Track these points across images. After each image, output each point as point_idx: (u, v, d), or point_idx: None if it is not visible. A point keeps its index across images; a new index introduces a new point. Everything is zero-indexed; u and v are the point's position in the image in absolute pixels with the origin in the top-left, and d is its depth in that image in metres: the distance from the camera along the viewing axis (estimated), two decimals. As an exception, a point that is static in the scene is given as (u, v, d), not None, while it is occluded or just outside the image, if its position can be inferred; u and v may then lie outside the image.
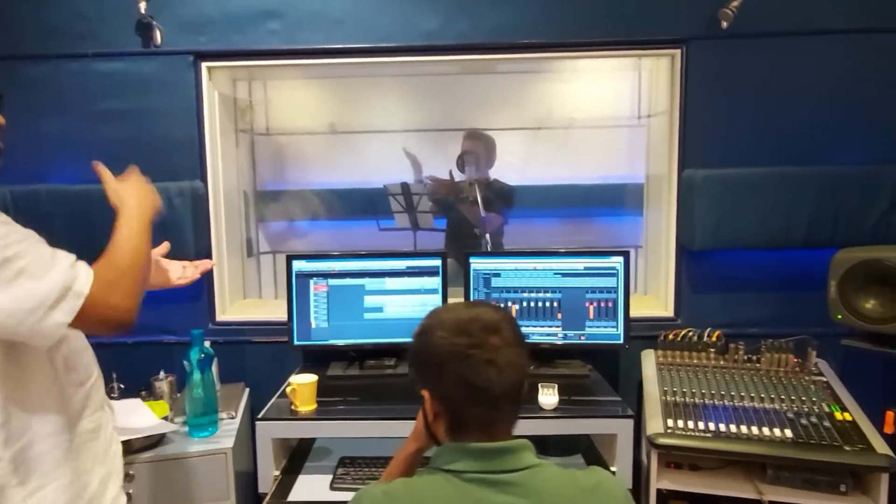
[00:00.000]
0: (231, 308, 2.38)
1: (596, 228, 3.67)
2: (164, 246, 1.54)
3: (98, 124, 2.15)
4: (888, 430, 1.79)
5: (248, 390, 2.18)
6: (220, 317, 2.29)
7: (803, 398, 1.80)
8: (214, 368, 1.99)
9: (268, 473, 1.74)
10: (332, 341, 2.10)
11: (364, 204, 3.70)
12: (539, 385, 1.82)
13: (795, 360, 1.96)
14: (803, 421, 1.71)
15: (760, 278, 2.16)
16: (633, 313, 2.18)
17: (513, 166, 3.80)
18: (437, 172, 3.26)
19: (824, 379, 1.89)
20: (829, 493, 1.64)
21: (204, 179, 2.20)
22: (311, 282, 2.09)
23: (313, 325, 2.09)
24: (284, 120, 3.76)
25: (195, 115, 2.18)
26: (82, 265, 1.03)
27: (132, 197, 1.19)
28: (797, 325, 2.08)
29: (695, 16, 2.07)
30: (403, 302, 2.11)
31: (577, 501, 0.98)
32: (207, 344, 1.94)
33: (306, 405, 1.78)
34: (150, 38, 2.11)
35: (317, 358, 2.18)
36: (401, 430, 1.68)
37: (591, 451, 1.91)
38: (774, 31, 2.06)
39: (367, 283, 2.10)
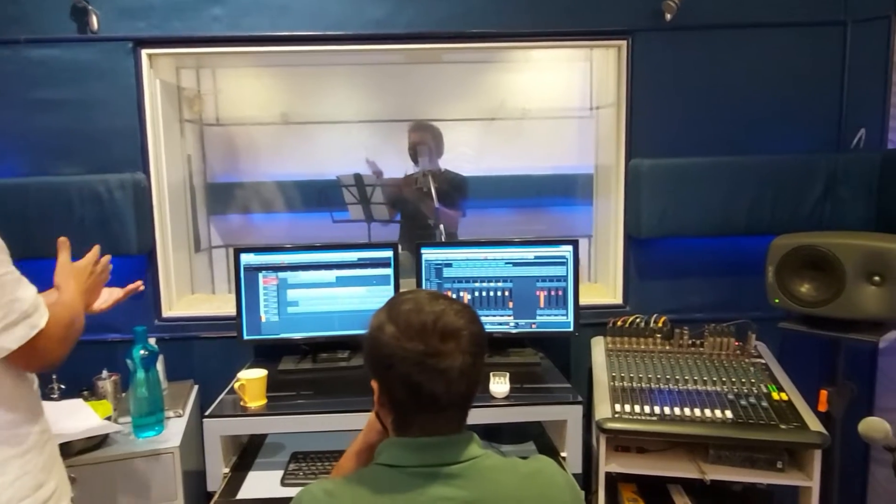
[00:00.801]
0: (178, 304, 2.32)
1: (549, 218, 3.72)
2: (93, 252, 1.46)
3: (33, 114, 2.06)
4: (822, 408, 1.87)
5: (196, 387, 2.14)
6: (166, 313, 2.23)
7: (743, 380, 1.87)
8: (160, 366, 1.93)
9: (217, 471, 1.71)
10: (283, 335, 2.07)
11: (318, 196, 3.66)
12: (491, 374, 1.83)
13: (737, 343, 2.03)
14: (743, 402, 1.77)
15: (704, 265, 2.23)
16: (584, 301, 2.22)
17: (467, 157, 3.82)
18: (392, 163, 3.25)
19: (763, 361, 1.96)
20: (766, 469, 1.71)
21: (146, 171, 2.13)
22: (261, 275, 2.05)
23: (263, 320, 2.06)
24: (235, 110, 3.67)
25: (136, 105, 2.10)
26: (42, 301, 1.12)
27: (75, 277, 1.34)
28: (738, 309, 2.15)
29: (640, 8, 2.11)
30: (355, 294, 2.09)
31: (517, 488, 0.99)
32: (152, 341, 1.88)
33: (256, 400, 1.75)
34: (87, 23, 2.02)
35: (268, 352, 2.15)
36: (355, 423, 1.67)
37: (542, 438, 1.94)
38: (715, 24, 2.11)
39: (319, 275, 2.08)
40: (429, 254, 2.10)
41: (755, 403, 1.76)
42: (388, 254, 2.10)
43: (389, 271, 2.10)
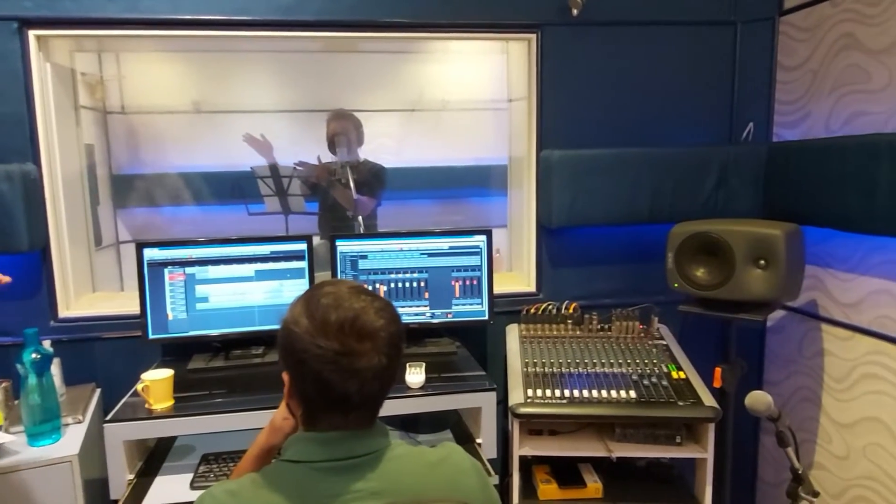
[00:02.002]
0: (77, 303, 2.18)
1: (468, 209, 3.77)
2: None
3: None
4: (717, 384, 2.00)
5: (99, 391, 2.03)
6: (63, 313, 2.09)
7: (646, 361, 1.97)
8: (55, 370, 1.82)
9: (120, 478, 1.63)
10: (192, 333, 1.99)
11: (232, 188, 3.53)
12: (407, 364, 1.85)
13: (641, 326, 2.13)
14: (645, 382, 1.87)
15: (611, 252, 2.33)
16: (500, 290, 2.27)
17: (387, 148, 3.80)
18: (310, 154, 3.18)
19: (664, 342, 2.07)
20: (667, 444, 1.82)
21: (37, 162, 1.99)
22: (166, 271, 1.96)
23: (170, 317, 1.97)
24: (142, 97, 3.48)
25: (24, 90, 1.95)
26: None
27: None
28: (643, 294, 2.27)
29: (548, 3, 2.16)
30: (268, 288, 2.04)
31: (424, 476, 1.00)
32: (47, 344, 1.77)
33: (161, 402, 1.68)
34: (-36, 1, 1.86)
35: (178, 351, 2.07)
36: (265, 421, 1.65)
37: (459, 426, 1.97)
38: (618, 21, 2.20)
39: (229, 270, 2.01)
40: (344, 246, 2.08)
41: (656, 383, 1.86)
42: (302, 246, 2.06)
43: (304, 264, 2.06)
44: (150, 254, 1.96)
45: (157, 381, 1.68)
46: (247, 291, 2.03)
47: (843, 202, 1.85)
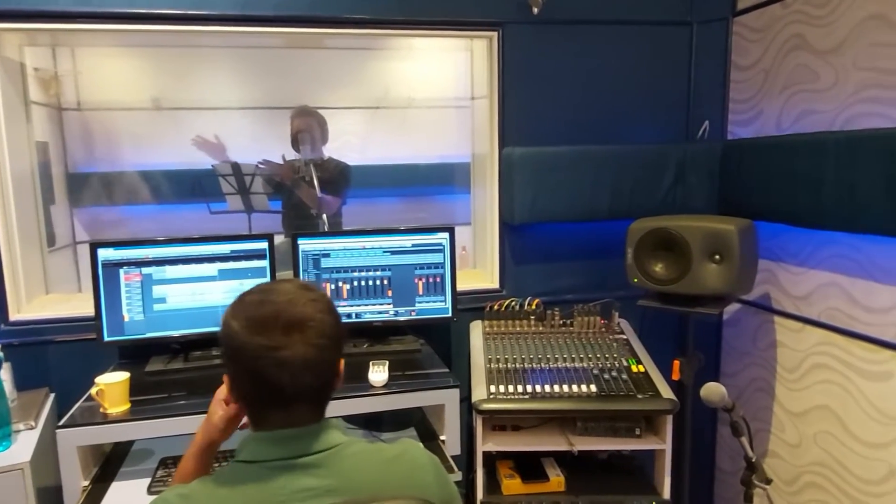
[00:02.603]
0: (29, 305, 2.12)
1: (433, 206, 3.77)
2: None
3: None
4: (675, 377, 2.05)
5: (53, 396, 1.97)
6: (13, 316, 2.03)
7: (607, 355, 2.00)
8: (6, 374, 1.76)
9: (74, 485, 1.59)
10: (149, 334, 1.95)
11: (193, 186, 3.47)
12: (370, 363, 1.84)
13: (602, 321, 2.17)
14: (606, 376, 1.90)
15: (573, 248, 2.36)
16: (464, 287, 2.29)
17: (352, 145, 3.77)
18: (273, 152, 3.14)
19: (625, 337, 2.11)
20: (627, 436, 1.86)
21: (-17, 160, 1.92)
22: (122, 271, 1.92)
23: (126, 319, 1.93)
24: (100, 94, 3.38)
25: (-32, 86, 1.89)
26: None
27: None
28: (605, 289, 2.30)
29: (509, 0, 2.17)
30: (229, 287, 2.01)
31: (380, 472, 1.00)
32: (-5, 348, 1.72)
33: (117, 406, 1.65)
34: None
35: (135, 354, 2.02)
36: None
37: (423, 424, 1.98)
38: (577, 20, 2.22)
39: (188, 269, 1.98)
40: (306, 244, 2.07)
41: (616, 377, 1.89)
42: (263, 245, 2.04)
43: (265, 263, 2.04)
44: (105, 254, 1.91)
45: (111, 384, 1.64)
46: (206, 291, 1.99)
47: (792, 198, 1.91)
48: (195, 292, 1.98)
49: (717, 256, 1.89)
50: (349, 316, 2.07)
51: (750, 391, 2.30)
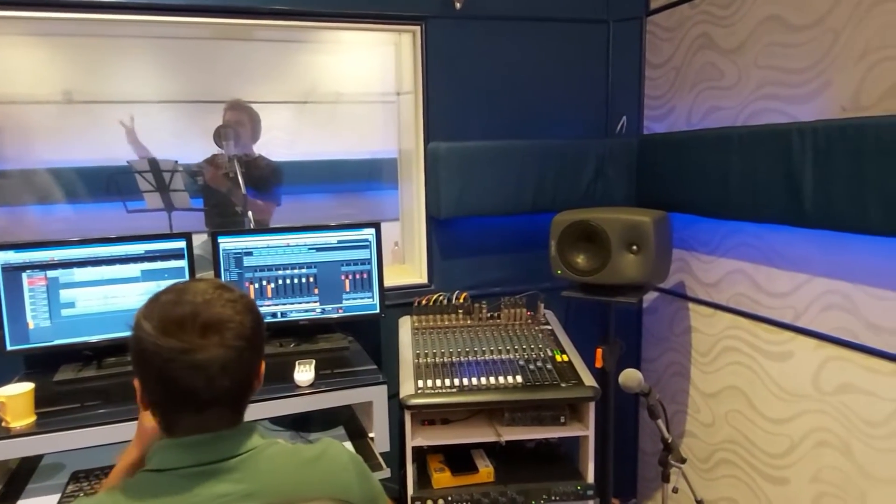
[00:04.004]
0: (-81, 315, 1.96)
1: (363, 202, 3.74)
2: None
3: None
4: (598, 364, 2.12)
5: (-51, 411, 1.83)
6: None
7: (532, 346, 2.05)
8: None
9: (-27, 505, 1.49)
10: (57, 342, 1.84)
11: (108, 183, 3.29)
12: (296, 362, 1.81)
13: (528, 313, 2.21)
14: (531, 366, 1.94)
15: (499, 242, 2.39)
16: (393, 282, 2.28)
17: (280, 141, 3.68)
18: (195, 147, 3.03)
19: (550, 327, 2.16)
20: (552, 424, 1.90)
21: None
22: (24, 275, 1.80)
23: (31, 326, 1.82)
24: (5, 86, 3.17)
25: None
26: None
27: None
28: (531, 281, 2.35)
29: (432, -5, 2.18)
30: (145, 290, 1.92)
31: (299, 474, 0.98)
32: None
33: (20, 419, 1.55)
34: None
35: (43, 362, 1.90)
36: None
37: (352, 422, 1.96)
38: (499, 16, 2.25)
39: (99, 272, 1.88)
40: (226, 243, 2.00)
41: (542, 367, 1.94)
42: (181, 244, 1.96)
43: (183, 263, 1.96)
44: (5, 257, 1.79)
45: (13, 396, 1.54)
46: (119, 294, 1.90)
47: (702, 190, 2.01)
48: (107, 295, 1.89)
49: (635, 247, 1.96)
50: (274, 315, 2.03)
51: (668, 375, 2.41)
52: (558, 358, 1.99)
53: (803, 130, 1.64)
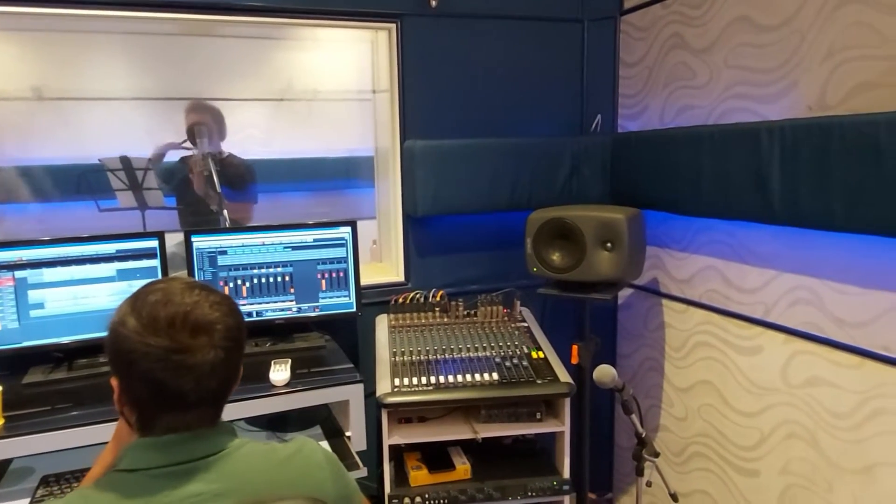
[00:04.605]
0: None
1: (342, 201, 3.71)
2: None
3: None
4: (574, 361, 2.13)
5: (-86, 415, 1.79)
6: None
7: (509, 343, 2.06)
8: None
9: (-61, 511, 1.46)
10: (26, 343, 1.81)
11: (79, 182, 3.23)
12: (272, 362, 1.80)
13: (505, 310, 2.23)
14: (507, 363, 1.95)
15: (476, 240, 2.40)
16: (370, 280, 2.28)
17: (256, 139, 3.64)
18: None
19: (526, 325, 2.18)
20: (528, 421, 1.92)
21: None
22: (-9, 277, 1.77)
23: (-1, 328, 1.78)
24: (-34, 82, 3.09)
25: None
26: None
27: None
28: (507, 279, 2.37)
29: (408, -8, 2.18)
30: (116, 290, 1.90)
31: (273, 473, 0.98)
32: None
33: (-13, 422, 1.52)
34: None
35: (12, 364, 1.86)
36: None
37: (328, 421, 1.95)
38: (475, 14, 2.26)
39: (69, 272, 1.85)
40: (201, 241, 1.99)
41: (517, 364, 1.95)
42: (153, 243, 1.94)
43: (155, 262, 1.94)
44: (-30, 258, 1.75)
45: (-20, 399, 1.51)
46: (90, 295, 1.87)
47: (674, 188, 2.03)
48: (77, 296, 1.86)
49: (609, 244, 1.98)
50: (250, 315, 2.01)
51: (643, 370, 2.44)
52: (534, 355, 2.00)
53: (771, 129, 1.67)
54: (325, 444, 1.77)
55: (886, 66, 1.48)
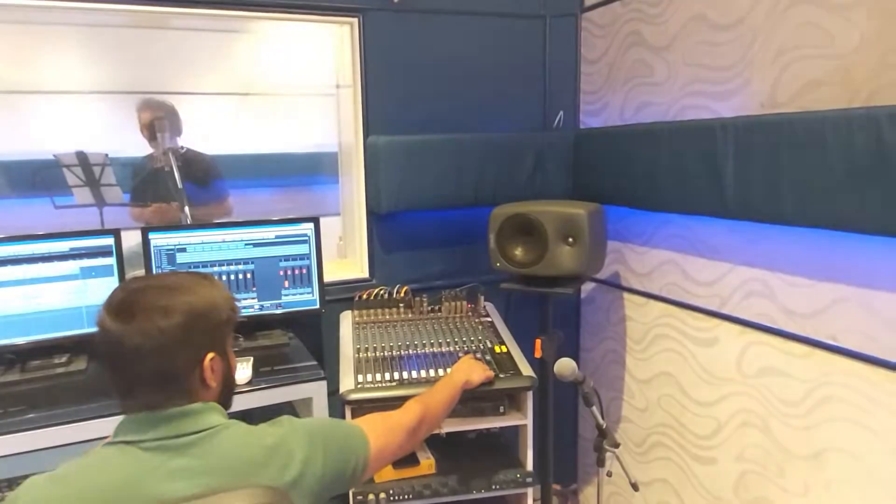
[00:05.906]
0: None
1: (306, 197, 3.68)
2: None
3: None
4: (537, 354, 2.15)
5: None
6: None
7: (472, 338, 2.07)
8: None
9: None
10: (-25, 345, 1.76)
11: (34, 178, 3.13)
12: (233, 361, 1.77)
13: (469, 305, 2.24)
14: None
15: (440, 235, 2.41)
16: (334, 277, 2.26)
17: (218, 134, 3.58)
18: (129, 140, 2.91)
19: (490, 319, 2.19)
20: (492, 415, 1.93)
21: None
22: (-63, 277, 1.71)
23: (-55, 329, 1.73)
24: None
25: None
26: None
27: None
28: (471, 274, 2.37)
29: (369, -14, 2.16)
30: (70, 289, 1.85)
31: (254, 457, 1.01)
32: None
33: (-67, 427, 1.47)
34: None
35: (-40, 367, 1.81)
36: (79, 435, 1.53)
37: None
38: (437, 9, 2.25)
39: (18, 271, 1.79)
40: (158, 239, 1.95)
41: (481, 358, 1.96)
42: (109, 241, 1.90)
43: (111, 261, 1.90)
44: (-86, 258, 1.69)
45: (-76, 403, 1.46)
46: (42, 294, 1.82)
47: (634, 183, 2.07)
48: (28, 296, 1.80)
49: (571, 239, 2.00)
50: (210, 313, 1.98)
51: (605, 363, 2.48)
52: (497, 349, 2.02)
53: (725, 126, 1.71)
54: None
55: (834, 65, 1.53)
